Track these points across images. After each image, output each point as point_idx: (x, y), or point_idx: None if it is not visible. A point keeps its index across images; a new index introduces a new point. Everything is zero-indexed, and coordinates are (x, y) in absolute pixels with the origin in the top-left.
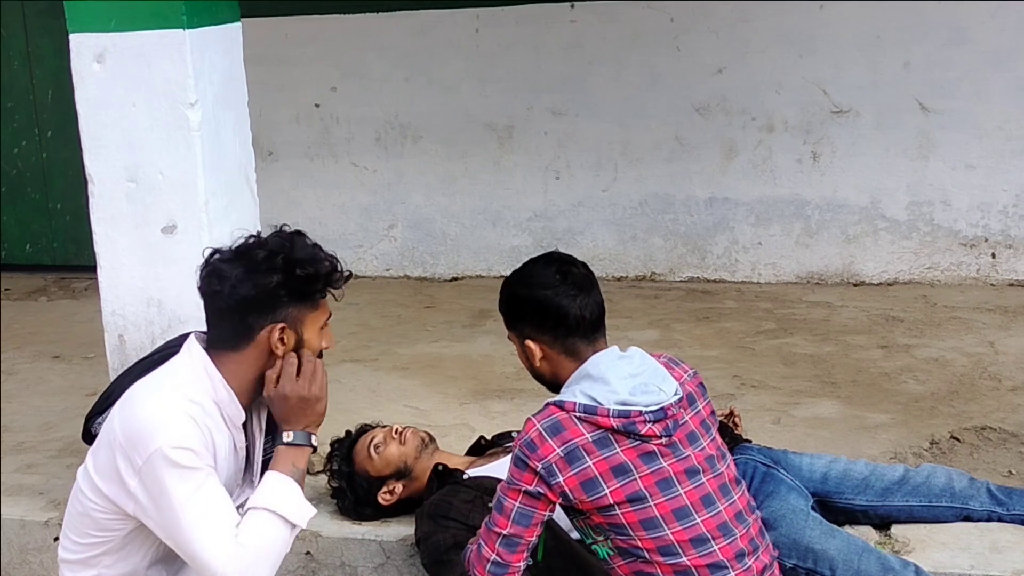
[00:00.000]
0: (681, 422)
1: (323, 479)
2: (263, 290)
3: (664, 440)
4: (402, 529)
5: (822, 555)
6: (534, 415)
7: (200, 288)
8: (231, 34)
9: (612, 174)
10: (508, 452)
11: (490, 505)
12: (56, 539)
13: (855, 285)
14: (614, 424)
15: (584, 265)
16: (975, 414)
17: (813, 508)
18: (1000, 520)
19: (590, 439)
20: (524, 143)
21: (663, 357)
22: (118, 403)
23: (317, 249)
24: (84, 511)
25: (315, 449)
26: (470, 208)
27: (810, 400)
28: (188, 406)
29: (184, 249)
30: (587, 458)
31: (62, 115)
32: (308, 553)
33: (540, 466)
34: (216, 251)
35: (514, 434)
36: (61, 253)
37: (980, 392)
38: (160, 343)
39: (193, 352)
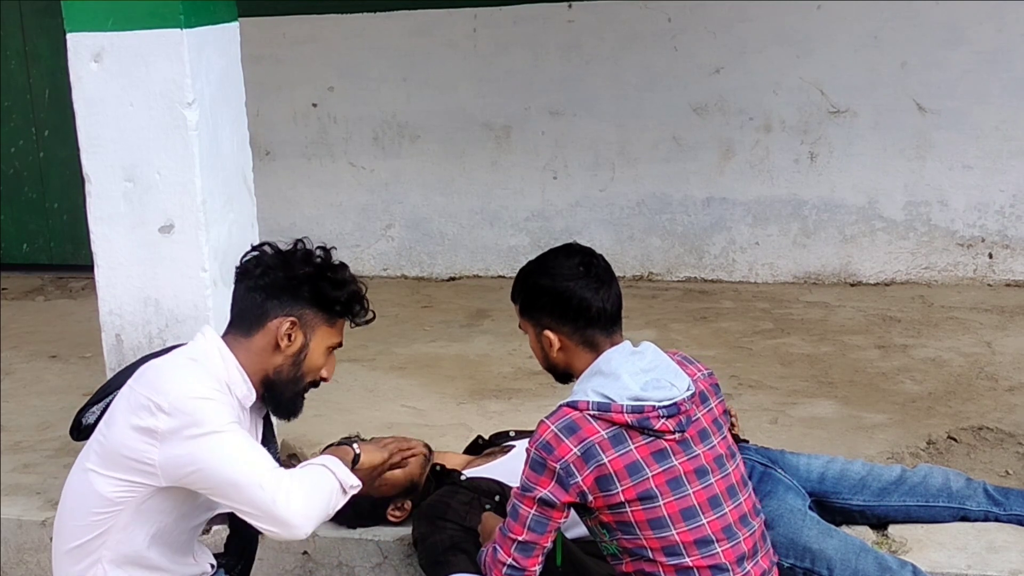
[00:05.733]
0: (694, 418)
1: None
2: (291, 278)
3: (677, 436)
4: (399, 529)
5: (819, 555)
6: (547, 417)
7: (236, 269)
8: (229, 33)
9: (609, 174)
10: (505, 452)
11: (488, 508)
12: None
13: (852, 285)
14: (628, 420)
15: (602, 257)
16: (972, 414)
17: (810, 508)
18: (997, 520)
19: (605, 436)
20: (522, 143)
21: (677, 354)
22: (134, 377)
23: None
24: (90, 489)
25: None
26: (468, 208)
27: (807, 400)
28: (212, 382)
29: (181, 249)
30: (603, 455)
31: (59, 114)
32: (305, 553)
33: (559, 467)
34: (265, 243)
35: (512, 433)
36: (58, 252)
37: (977, 392)
38: (157, 342)
39: (207, 335)
